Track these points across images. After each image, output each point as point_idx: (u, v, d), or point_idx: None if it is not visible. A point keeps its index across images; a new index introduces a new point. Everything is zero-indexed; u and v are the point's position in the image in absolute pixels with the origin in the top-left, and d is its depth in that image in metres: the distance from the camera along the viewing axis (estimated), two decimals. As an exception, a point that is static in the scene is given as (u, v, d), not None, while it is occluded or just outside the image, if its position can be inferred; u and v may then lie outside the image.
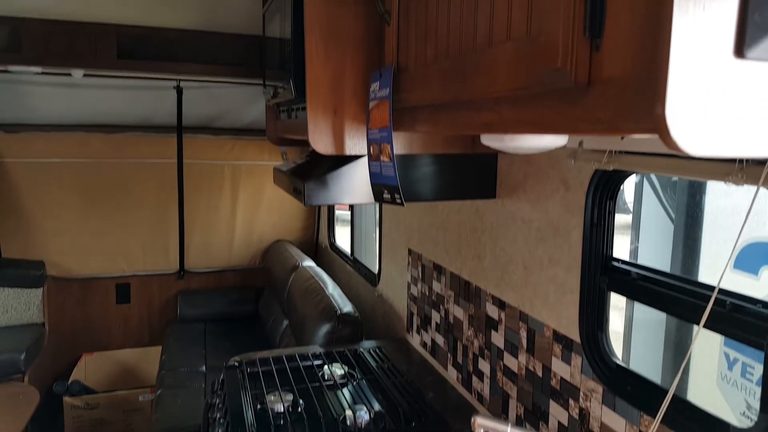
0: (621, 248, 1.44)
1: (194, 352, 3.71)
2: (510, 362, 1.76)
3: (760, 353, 1.00)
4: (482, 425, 1.14)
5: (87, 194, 4.02)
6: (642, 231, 1.93)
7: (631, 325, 1.93)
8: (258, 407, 1.85)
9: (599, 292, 1.36)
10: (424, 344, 2.43)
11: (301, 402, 1.85)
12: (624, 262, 1.32)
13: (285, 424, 1.74)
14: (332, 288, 3.06)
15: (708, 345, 1.79)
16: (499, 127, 0.88)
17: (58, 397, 3.63)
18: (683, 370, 1.08)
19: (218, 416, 1.92)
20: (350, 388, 2.11)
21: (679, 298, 1.16)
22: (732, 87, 0.56)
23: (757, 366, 1.68)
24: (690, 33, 0.54)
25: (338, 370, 2.20)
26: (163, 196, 4.20)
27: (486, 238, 1.84)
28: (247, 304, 4.42)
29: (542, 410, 1.59)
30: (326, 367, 2.22)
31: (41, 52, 3.23)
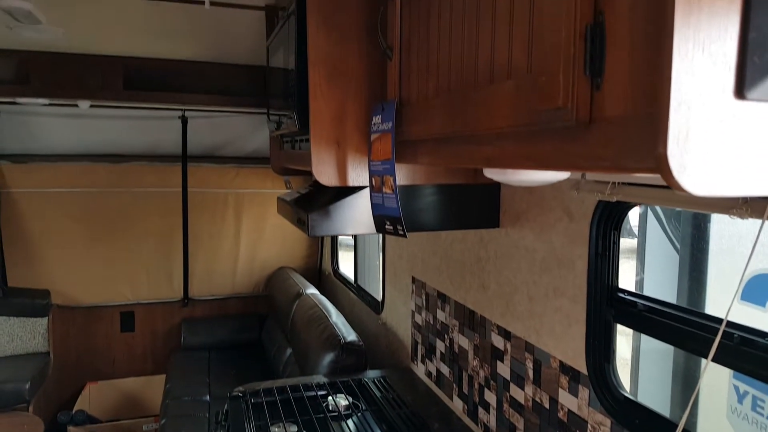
0: (626, 274, 1.43)
1: (198, 381, 3.68)
2: (516, 393, 1.74)
3: (771, 387, 0.99)
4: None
5: (92, 223, 4.04)
6: (647, 261, 1.91)
7: (639, 355, 1.90)
8: (262, 440, 1.82)
9: (605, 324, 1.35)
10: (429, 374, 2.40)
11: (305, 434, 1.83)
12: (630, 293, 1.30)
13: (288, 459, 1.71)
14: (336, 316, 3.04)
15: (717, 377, 1.76)
16: (501, 162, 0.88)
17: (63, 427, 3.60)
18: (692, 403, 1.07)
19: (222, 449, 1.89)
20: (355, 420, 2.08)
21: (687, 331, 1.15)
22: (733, 127, 0.56)
23: (768, 399, 1.65)
24: (690, 75, 0.54)
25: (342, 401, 2.17)
26: (168, 225, 4.22)
27: (490, 267, 1.83)
28: (251, 332, 4.40)
29: (550, 443, 1.56)
30: (330, 398, 2.20)
31: (49, 85, 3.28)
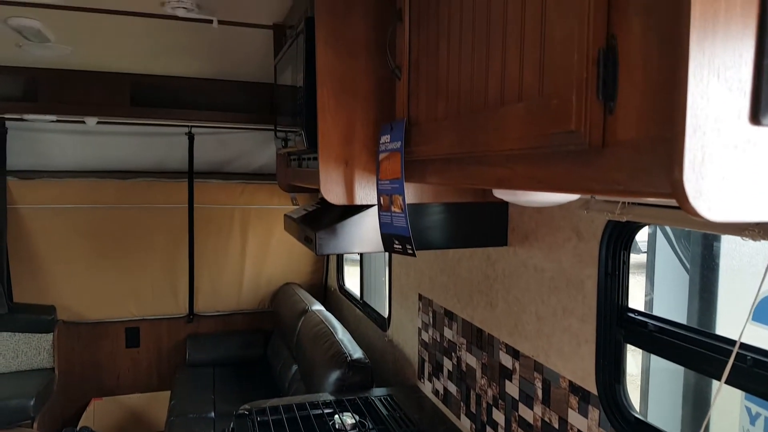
0: (633, 289, 1.41)
1: (203, 398, 3.66)
2: (525, 413, 1.72)
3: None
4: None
5: (99, 239, 4.05)
6: (656, 280, 1.90)
7: (649, 375, 1.88)
8: (268, 460, 1.81)
9: (615, 344, 1.33)
10: (436, 392, 2.38)
11: (312, 455, 1.81)
12: (640, 313, 1.29)
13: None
14: (342, 333, 3.02)
15: (729, 398, 1.73)
16: (512, 184, 0.88)
17: (68, 444, 3.57)
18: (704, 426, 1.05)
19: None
20: (361, 439, 2.06)
21: (699, 352, 1.14)
22: (748, 153, 0.56)
23: (781, 421, 1.62)
24: (705, 100, 0.54)
25: (349, 419, 2.16)
26: (174, 241, 4.23)
27: (498, 286, 1.83)
28: (256, 348, 4.38)
29: (560, 465, 1.54)
30: (337, 416, 2.18)
31: (56, 101, 3.31)
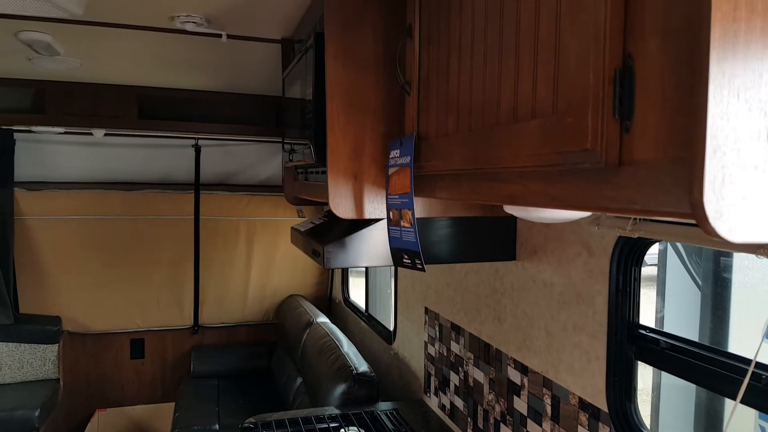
0: (644, 304, 1.40)
1: (208, 410, 3.63)
2: (534, 430, 1.70)
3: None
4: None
5: (105, 251, 4.06)
6: (667, 296, 1.88)
7: (660, 391, 1.86)
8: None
9: (627, 361, 1.32)
10: (443, 407, 2.36)
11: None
12: (652, 330, 1.28)
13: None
14: (347, 346, 3.00)
15: (742, 416, 1.71)
16: (525, 200, 0.87)
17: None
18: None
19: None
20: (367, 454, 2.05)
21: (712, 371, 1.12)
22: (769, 173, 0.56)
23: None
24: (725, 121, 0.54)
25: (354, 434, 2.14)
26: (179, 252, 4.23)
27: (506, 300, 1.81)
28: (260, 360, 4.36)
29: (570, 483, 1.52)
30: (342, 430, 2.17)
31: (64, 114, 3.33)
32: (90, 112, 3.38)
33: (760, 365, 1.03)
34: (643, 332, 1.29)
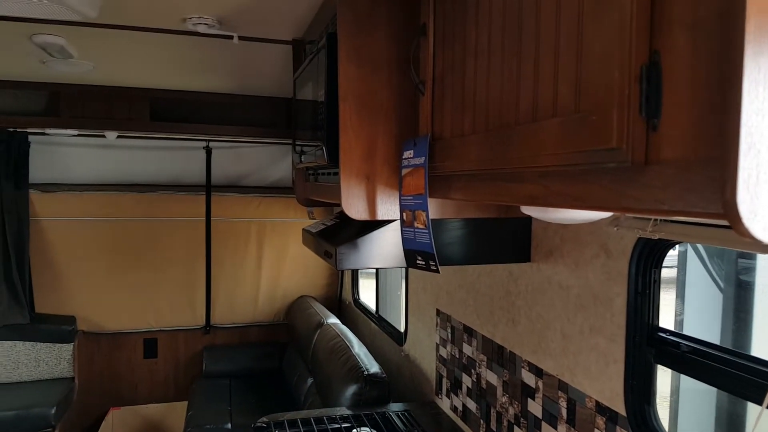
0: (664, 306, 1.37)
1: (220, 409, 3.65)
2: (549, 433, 1.67)
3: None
4: None
5: (118, 252, 4.08)
6: (687, 299, 1.84)
7: (678, 393, 1.82)
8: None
9: (646, 364, 1.30)
10: (455, 408, 2.34)
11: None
12: (672, 333, 1.26)
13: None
14: (358, 347, 2.99)
15: (765, 421, 1.67)
16: (546, 201, 0.86)
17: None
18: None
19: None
20: (380, 456, 2.04)
21: (735, 374, 1.10)
22: (806, 172, 0.54)
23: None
24: (760, 117, 0.52)
25: (366, 435, 2.13)
26: (191, 253, 4.25)
27: (521, 303, 1.79)
28: (271, 360, 4.37)
29: (587, 488, 1.50)
30: (355, 431, 2.16)
31: (78, 116, 3.36)
32: (103, 115, 3.40)
33: (786, 369, 1.01)
34: (663, 335, 1.27)
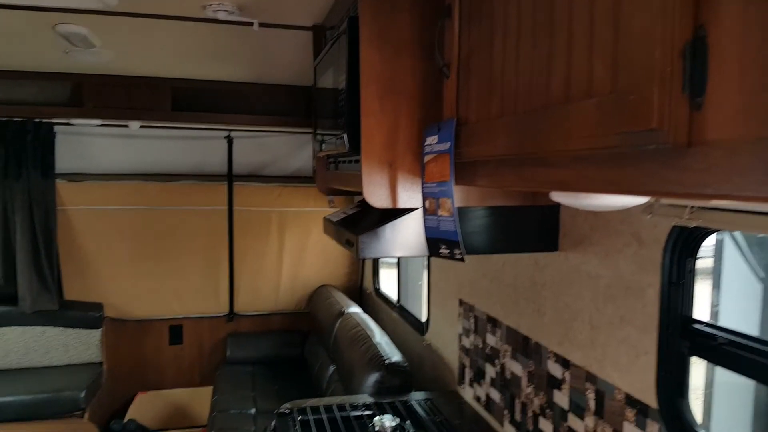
0: (698, 296, 1.32)
1: (244, 395, 3.70)
2: (575, 424, 1.64)
3: None
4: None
5: (143, 240, 4.14)
6: (723, 290, 1.78)
7: (713, 387, 1.76)
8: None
9: (679, 357, 1.25)
10: (478, 398, 2.31)
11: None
12: (707, 325, 1.21)
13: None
14: (379, 336, 2.98)
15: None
16: (578, 186, 0.82)
17: (115, 435, 3.66)
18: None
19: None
20: (402, 442, 2.03)
21: (777, 367, 1.05)
22: None
23: None
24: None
25: (389, 422, 2.12)
26: (214, 242, 4.29)
27: (547, 293, 1.75)
28: (294, 348, 4.40)
29: (615, 482, 1.46)
30: (377, 419, 2.15)
31: (101, 106, 3.39)
32: (125, 105, 3.43)
33: (832, 363, 0.96)
34: (698, 327, 1.22)
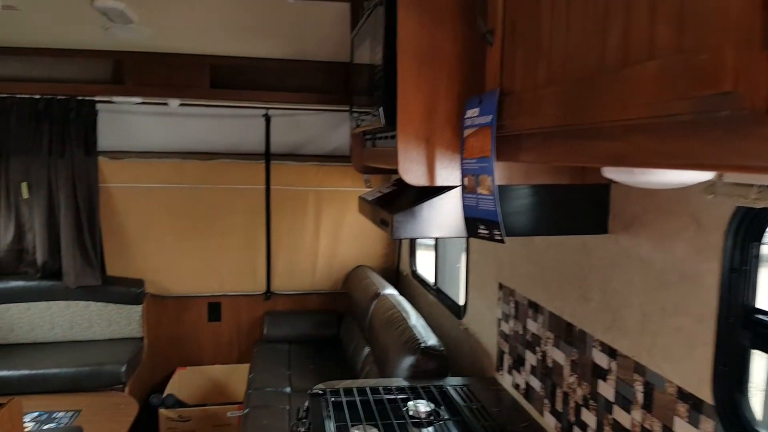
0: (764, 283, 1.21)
1: (279, 373, 3.75)
2: (621, 417, 1.56)
3: None
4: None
5: (183, 217, 4.20)
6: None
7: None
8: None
9: (740, 349, 1.15)
10: (517, 386, 2.24)
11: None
12: (773, 316, 1.10)
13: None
14: (415, 319, 2.94)
15: None
16: (635, 160, 0.74)
17: (154, 409, 3.76)
18: None
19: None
20: (437, 427, 1.98)
21: None
22: None
23: None
24: None
25: (423, 407, 2.08)
26: (252, 220, 4.31)
27: (594, 277, 1.66)
28: (329, 328, 4.42)
29: (663, 479, 1.38)
30: (411, 403, 2.12)
31: (141, 84, 3.42)
32: (164, 82, 3.45)
33: None
34: (762, 317, 1.12)
